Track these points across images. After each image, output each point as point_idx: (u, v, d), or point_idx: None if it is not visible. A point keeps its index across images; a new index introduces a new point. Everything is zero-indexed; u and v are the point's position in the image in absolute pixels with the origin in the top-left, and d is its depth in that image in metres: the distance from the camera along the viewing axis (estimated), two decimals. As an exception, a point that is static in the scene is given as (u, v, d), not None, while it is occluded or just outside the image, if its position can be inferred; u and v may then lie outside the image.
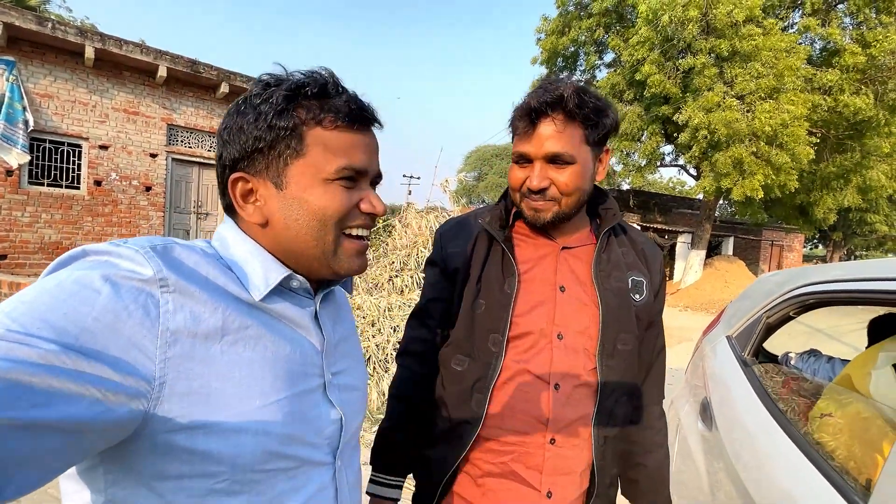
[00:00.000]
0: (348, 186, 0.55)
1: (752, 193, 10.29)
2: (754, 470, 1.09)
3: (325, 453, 0.57)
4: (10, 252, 6.02)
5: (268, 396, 0.49)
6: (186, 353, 0.44)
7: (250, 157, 0.54)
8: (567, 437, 0.83)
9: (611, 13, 13.14)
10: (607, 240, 0.89)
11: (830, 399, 1.19)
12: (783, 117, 9.54)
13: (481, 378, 0.84)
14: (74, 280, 0.41)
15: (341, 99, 0.55)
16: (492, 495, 0.84)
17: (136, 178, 7.02)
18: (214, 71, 7.25)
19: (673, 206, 17.42)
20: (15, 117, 5.80)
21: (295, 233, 0.54)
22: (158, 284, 0.44)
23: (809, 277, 1.31)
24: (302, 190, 0.53)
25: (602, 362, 0.83)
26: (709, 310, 11.10)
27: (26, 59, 5.99)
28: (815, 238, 28.78)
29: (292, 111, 0.53)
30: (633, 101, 12.35)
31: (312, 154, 0.53)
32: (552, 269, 0.87)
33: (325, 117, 0.54)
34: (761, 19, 10.22)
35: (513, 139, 0.87)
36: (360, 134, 0.57)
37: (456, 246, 0.91)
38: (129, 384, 0.40)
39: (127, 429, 0.41)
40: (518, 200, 0.87)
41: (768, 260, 18.90)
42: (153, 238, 0.48)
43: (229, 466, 0.46)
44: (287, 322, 0.55)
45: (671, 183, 37.17)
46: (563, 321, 0.84)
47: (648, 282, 0.90)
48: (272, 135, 0.53)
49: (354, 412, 0.62)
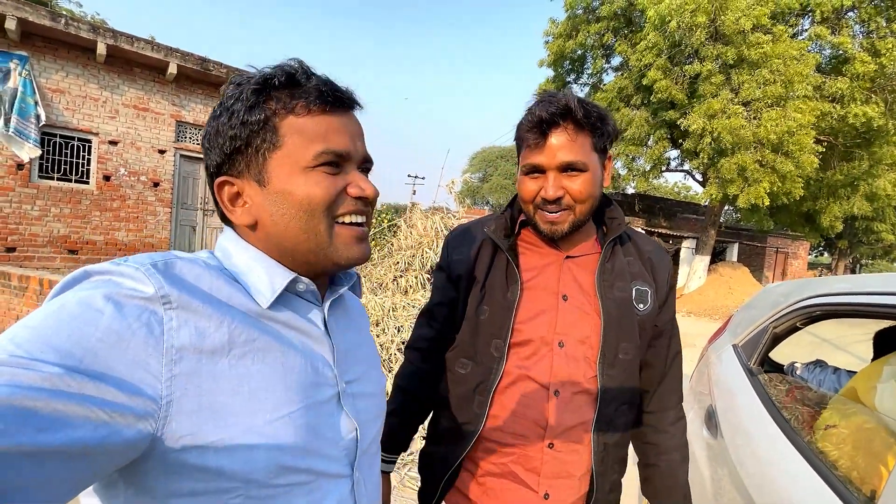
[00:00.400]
0: (332, 172, 0.53)
1: (757, 201, 10.26)
2: (758, 477, 1.10)
3: (343, 465, 0.55)
4: (20, 245, 6.08)
5: (279, 409, 0.48)
6: (193, 370, 0.43)
7: (230, 159, 0.53)
8: (566, 443, 0.85)
9: (619, 17, 13.12)
10: (612, 249, 0.90)
11: (836, 410, 1.21)
12: (789, 125, 9.51)
13: (483, 381, 0.87)
14: (77, 301, 0.40)
15: (311, 83, 0.53)
16: (491, 493, 0.88)
17: (144, 174, 7.08)
18: (224, 69, 7.30)
19: (678, 211, 17.37)
20: (27, 112, 5.87)
21: (284, 227, 0.53)
22: (161, 302, 0.43)
23: (816, 289, 1.32)
24: (284, 182, 0.52)
25: (602, 371, 0.85)
26: (712, 316, 11.06)
27: (39, 54, 6.05)
28: (821, 246, 28.62)
29: (262, 104, 0.52)
30: (641, 106, 12.33)
31: (288, 144, 0.51)
32: (555, 278, 0.89)
33: (297, 104, 0.52)
34: (770, 26, 10.18)
35: (520, 151, 0.88)
36: (337, 116, 0.54)
37: (461, 253, 0.94)
38: (135, 405, 0.39)
39: (136, 449, 0.40)
40: (531, 212, 0.87)
41: (773, 267, 18.81)
42: (154, 255, 0.48)
43: (243, 482, 0.45)
44: (296, 332, 0.53)
45: (676, 188, 37.07)
46: (565, 329, 0.86)
47: (654, 291, 0.90)
48: (246, 131, 0.51)
49: (370, 420, 0.61)
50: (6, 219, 5.95)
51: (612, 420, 0.87)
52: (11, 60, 5.79)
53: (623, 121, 12.25)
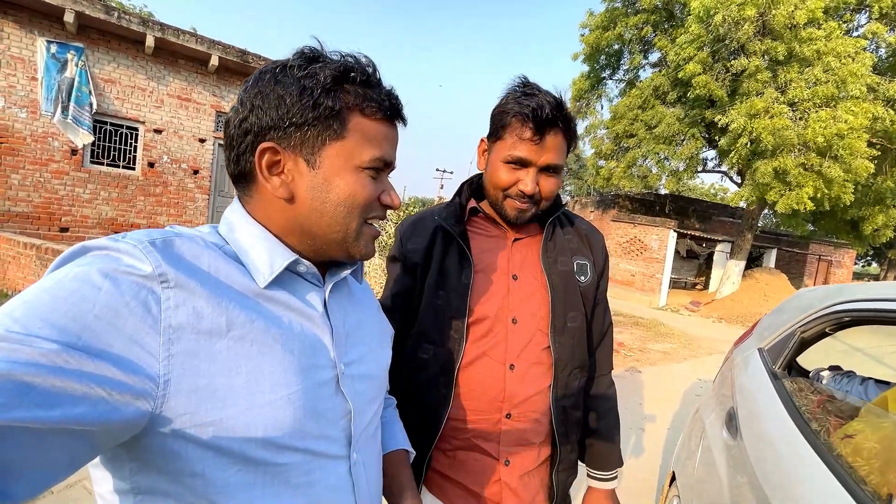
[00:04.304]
0: (374, 177, 0.56)
1: (799, 206, 9.76)
2: (776, 478, 1.10)
3: (341, 446, 0.56)
4: (72, 226, 6.49)
5: (277, 391, 0.48)
6: (191, 350, 0.43)
7: (285, 130, 0.52)
8: (523, 412, 0.92)
9: (660, 10, 12.68)
10: (553, 229, 0.98)
11: (864, 420, 1.19)
12: (840, 127, 8.98)
13: (446, 363, 0.92)
14: (74, 277, 0.40)
15: (383, 90, 0.56)
16: (458, 465, 0.95)
17: (185, 162, 7.40)
18: (262, 61, 7.52)
19: (713, 214, 16.76)
20: (82, 100, 6.23)
21: (320, 214, 0.54)
22: (159, 280, 0.43)
23: (848, 294, 1.29)
24: (334, 173, 0.53)
25: (554, 339, 0.93)
26: (744, 323, 10.66)
27: (93, 45, 6.41)
28: (869, 255, 27.04)
29: (339, 93, 0.52)
30: (676, 103, 11.91)
31: (351, 139, 0.53)
32: (505, 259, 0.96)
33: (368, 106, 0.54)
34: (822, 21, 9.63)
35: (498, 133, 0.90)
36: (392, 128, 0.58)
37: (415, 243, 0.98)
38: (133, 383, 0.39)
39: (135, 426, 0.41)
40: (500, 198, 0.92)
41: (814, 275, 17.93)
42: (152, 231, 0.47)
43: (241, 461, 0.46)
44: (295, 313, 0.53)
45: (713, 189, 35.70)
46: (517, 306, 0.93)
47: (592, 264, 1.00)
48: (316, 112, 0.51)
49: (367, 402, 0.61)
50: (61, 201, 6.37)
51: (567, 384, 0.95)
52: (69, 52, 6.15)
53: (655, 118, 11.87)
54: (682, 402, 4.46)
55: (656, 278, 12.37)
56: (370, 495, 0.61)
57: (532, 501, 0.95)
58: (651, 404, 4.31)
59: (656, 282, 12.36)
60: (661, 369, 5.79)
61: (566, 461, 0.98)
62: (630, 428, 3.62)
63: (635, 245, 12.88)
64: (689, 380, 5.31)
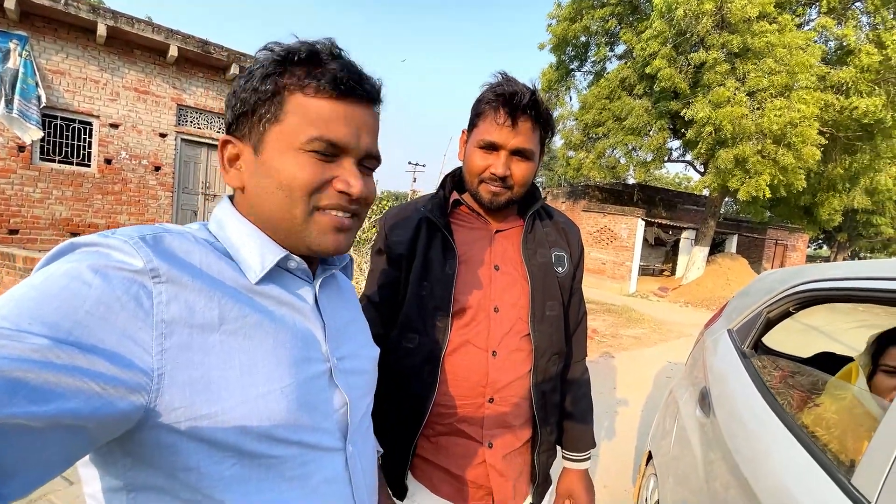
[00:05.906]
0: (323, 160, 0.52)
1: (758, 193, 10.26)
2: (748, 451, 1.16)
3: (335, 439, 0.56)
4: (22, 227, 6.11)
5: (270, 384, 0.48)
6: (184, 344, 0.43)
7: (238, 121, 0.53)
8: (505, 396, 0.96)
9: (624, 4, 12.96)
10: (532, 222, 1.02)
11: (829, 393, 1.26)
12: (793, 116, 9.46)
13: (431, 351, 0.94)
14: (63, 273, 0.39)
15: (332, 65, 0.52)
16: (442, 450, 0.97)
17: (145, 158, 7.08)
18: (225, 52, 7.25)
19: (678, 202, 17.36)
20: (28, 93, 5.84)
21: (263, 200, 0.53)
22: (150, 275, 0.43)
23: (810, 275, 1.36)
24: (274, 157, 0.51)
25: (534, 327, 0.97)
26: (709, 307, 11.15)
27: (38, 34, 6.00)
28: (820, 238, 28.69)
29: (277, 75, 0.51)
30: (643, 96, 12.24)
31: (289, 121, 0.51)
32: (487, 251, 0.99)
33: (309, 84, 0.51)
34: (775, 16, 10.08)
35: (473, 124, 0.95)
36: (347, 105, 0.52)
37: (399, 235, 1.00)
38: (127, 377, 0.39)
39: (130, 421, 0.40)
40: (475, 184, 0.95)
41: (772, 259, 18.89)
42: (142, 227, 0.47)
43: (236, 453, 0.46)
44: (287, 308, 0.54)
45: (678, 178, 36.96)
46: (499, 296, 0.97)
47: (569, 255, 1.05)
48: (255, 97, 0.52)
49: (361, 395, 0.62)
50: (8, 201, 5.97)
51: (546, 369, 0.99)
52: (11, 41, 5.75)
53: (623, 110, 12.16)
54: (654, 385, 4.63)
55: (626, 266, 12.73)
56: (367, 487, 0.61)
57: (517, 480, 0.99)
58: (624, 388, 4.46)
59: (626, 269, 12.72)
60: (634, 354, 5.99)
61: (546, 443, 1.02)
62: (605, 411, 3.74)
63: (605, 234, 13.20)
64: (660, 363, 5.51)
